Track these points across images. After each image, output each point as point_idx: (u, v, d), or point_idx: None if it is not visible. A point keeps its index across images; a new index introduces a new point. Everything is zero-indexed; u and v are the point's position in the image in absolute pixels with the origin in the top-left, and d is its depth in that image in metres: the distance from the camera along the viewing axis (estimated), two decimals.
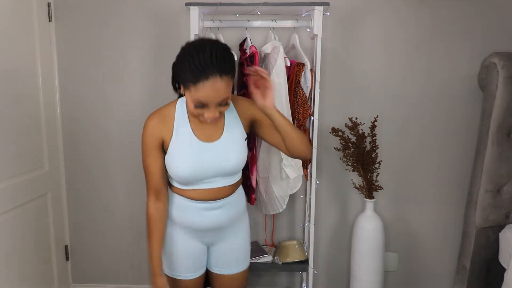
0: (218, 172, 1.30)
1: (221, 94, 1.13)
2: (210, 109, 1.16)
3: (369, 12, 2.11)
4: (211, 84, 1.10)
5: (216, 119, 1.20)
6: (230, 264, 1.47)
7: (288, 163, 1.79)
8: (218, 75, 1.10)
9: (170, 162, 1.28)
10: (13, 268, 1.84)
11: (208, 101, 1.14)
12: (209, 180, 1.31)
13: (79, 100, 2.24)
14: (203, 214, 1.35)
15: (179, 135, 1.27)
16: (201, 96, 1.13)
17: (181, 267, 1.42)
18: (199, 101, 1.14)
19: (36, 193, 2.02)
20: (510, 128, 2.00)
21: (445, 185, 2.23)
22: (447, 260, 2.29)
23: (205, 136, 1.29)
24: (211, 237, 1.42)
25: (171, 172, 1.30)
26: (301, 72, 1.85)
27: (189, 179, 1.29)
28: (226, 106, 1.20)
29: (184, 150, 1.27)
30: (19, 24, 1.89)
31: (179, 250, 1.41)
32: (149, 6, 2.14)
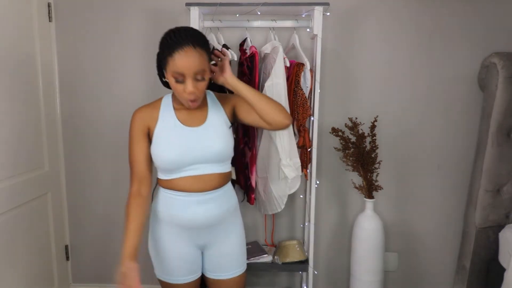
0: (203, 156, 1.31)
1: (196, 64, 1.22)
2: (188, 81, 1.23)
3: (369, 12, 2.11)
4: (185, 53, 1.20)
5: (197, 98, 1.27)
6: (226, 268, 1.44)
7: (287, 163, 1.79)
8: (192, 45, 1.21)
9: (155, 148, 1.32)
10: (13, 268, 1.84)
11: (184, 70, 1.21)
12: (195, 167, 1.31)
13: (79, 100, 2.24)
14: (192, 209, 1.33)
15: (164, 122, 1.33)
16: (178, 66, 1.21)
17: (173, 270, 1.39)
18: (177, 72, 1.22)
19: (36, 193, 2.02)
20: (510, 128, 2.00)
21: (445, 185, 2.23)
22: (447, 260, 2.29)
23: (189, 122, 1.34)
24: (203, 237, 1.39)
25: (157, 157, 1.32)
26: (301, 72, 1.85)
27: (174, 163, 1.30)
28: (204, 82, 1.27)
29: (168, 134, 1.32)
30: (19, 24, 1.89)
31: (170, 252, 1.38)
32: (149, 6, 2.14)
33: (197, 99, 1.28)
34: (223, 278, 1.44)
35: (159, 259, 1.41)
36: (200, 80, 1.26)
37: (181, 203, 1.34)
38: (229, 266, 1.44)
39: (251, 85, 1.83)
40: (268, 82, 1.74)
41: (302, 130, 1.91)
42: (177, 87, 1.26)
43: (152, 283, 2.33)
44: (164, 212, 1.37)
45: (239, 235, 1.48)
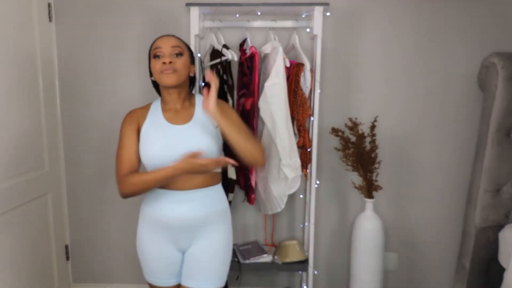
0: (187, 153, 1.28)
1: (172, 40, 1.36)
2: (165, 55, 1.33)
3: (369, 12, 2.11)
4: (164, 36, 1.39)
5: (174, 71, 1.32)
6: (200, 277, 1.36)
7: (287, 163, 1.79)
8: (172, 35, 1.40)
9: (141, 144, 1.36)
10: (13, 268, 1.84)
11: (162, 44, 1.34)
12: None
13: (79, 100, 2.24)
14: (174, 206, 1.33)
15: (151, 120, 1.39)
16: (157, 43, 1.36)
17: (155, 271, 1.41)
18: (156, 47, 1.35)
19: (36, 193, 2.02)
20: (510, 128, 2.00)
21: (445, 185, 2.23)
22: (447, 260, 2.29)
23: (175, 120, 1.38)
24: (185, 239, 1.37)
25: (142, 153, 1.34)
26: (301, 73, 1.85)
27: (157, 158, 1.31)
28: (182, 58, 1.35)
29: (154, 131, 1.36)
30: (19, 24, 1.89)
31: (152, 253, 1.39)
32: (149, 6, 2.14)
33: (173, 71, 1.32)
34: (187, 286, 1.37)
35: (143, 260, 1.44)
36: (178, 56, 1.34)
37: (164, 201, 1.35)
38: (203, 276, 1.36)
39: (251, 85, 1.85)
40: (268, 82, 1.74)
41: (302, 130, 1.91)
42: (155, 62, 1.34)
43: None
44: (148, 210, 1.39)
45: (224, 246, 1.40)
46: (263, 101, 1.77)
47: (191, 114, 1.40)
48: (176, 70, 1.33)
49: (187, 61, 1.38)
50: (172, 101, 1.41)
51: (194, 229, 1.36)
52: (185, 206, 1.34)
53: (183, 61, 1.36)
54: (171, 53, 1.34)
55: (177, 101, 1.41)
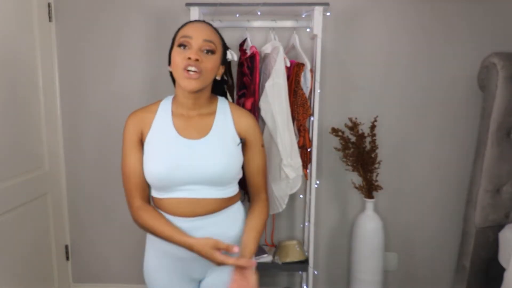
0: (198, 177, 1.09)
1: (207, 33, 1.09)
2: (193, 47, 1.06)
3: (369, 12, 2.11)
4: (198, 23, 1.12)
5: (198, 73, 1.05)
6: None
7: (288, 163, 1.79)
8: (206, 23, 1.13)
9: (145, 159, 1.12)
10: (13, 268, 1.84)
11: (192, 33, 1.07)
12: (187, 187, 1.10)
13: (79, 100, 2.24)
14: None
15: (158, 128, 1.13)
16: (187, 30, 1.09)
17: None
18: (185, 34, 1.08)
19: (36, 193, 2.02)
20: (510, 128, 2.00)
21: (445, 185, 2.23)
22: (447, 260, 2.29)
23: (187, 132, 1.12)
24: (198, 268, 1.18)
25: (146, 171, 1.12)
26: (301, 72, 1.85)
27: (161, 180, 1.09)
28: (212, 58, 1.09)
29: (159, 144, 1.11)
30: (19, 24, 1.89)
31: (161, 281, 1.19)
32: (149, 6, 2.14)
33: (198, 74, 1.06)
34: None
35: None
36: (208, 54, 1.08)
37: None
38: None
39: (251, 85, 1.85)
40: (269, 82, 1.74)
41: (302, 130, 1.91)
42: (178, 54, 1.07)
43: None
44: (155, 238, 1.16)
45: None
46: (264, 101, 1.77)
47: (209, 125, 1.14)
48: (201, 73, 1.06)
49: (217, 61, 1.11)
50: (187, 106, 1.15)
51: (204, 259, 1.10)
52: (199, 234, 1.10)
53: (213, 62, 1.09)
54: (201, 47, 1.07)
55: (192, 106, 1.15)
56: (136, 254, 2.35)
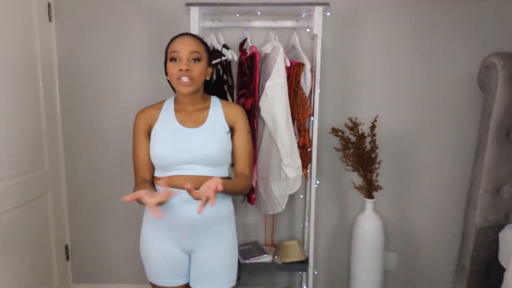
0: (197, 157, 1.32)
1: (191, 44, 1.32)
2: (183, 60, 1.30)
3: (369, 12, 2.11)
4: (183, 37, 1.35)
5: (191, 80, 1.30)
6: (211, 279, 1.38)
7: (288, 163, 1.79)
8: (190, 35, 1.37)
9: (151, 145, 1.37)
10: (13, 268, 1.84)
11: (179, 47, 1.31)
12: (188, 166, 1.33)
13: (79, 100, 2.24)
14: (180, 206, 1.31)
15: (163, 121, 1.39)
16: (175, 45, 1.32)
17: (159, 271, 1.39)
18: (173, 50, 1.32)
19: (36, 193, 2.02)
20: (510, 128, 2.00)
21: (445, 185, 2.23)
22: (447, 260, 2.29)
23: (187, 123, 1.38)
24: (190, 240, 1.36)
25: (152, 153, 1.36)
26: (301, 72, 1.85)
27: (166, 160, 1.33)
28: (199, 64, 1.32)
29: (165, 132, 1.37)
30: (19, 24, 1.89)
31: (157, 253, 1.38)
32: (149, 6, 2.14)
33: (190, 81, 1.30)
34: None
35: (147, 260, 1.41)
36: (195, 62, 1.32)
37: (171, 200, 1.30)
38: (214, 278, 1.38)
39: (251, 85, 1.85)
40: (269, 82, 1.74)
41: (302, 130, 1.91)
42: (172, 67, 1.31)
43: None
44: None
45: (230, 247, 1.41)
46: (264, 101, 1.77)
47: (204, 118, 1.39)
48: (192, 79, 1.31)
49: (204, 66, 1.35)
50: (186, 103, 1.40)
51: (200, 229, 1.36)
52: (190, 206, 1.29)
53: (200, 68, 1.33)
54: (188, 58, 1.30)
55: (190, 103, 1.40)
56: (136, 254, 2.34)
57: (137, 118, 1.42)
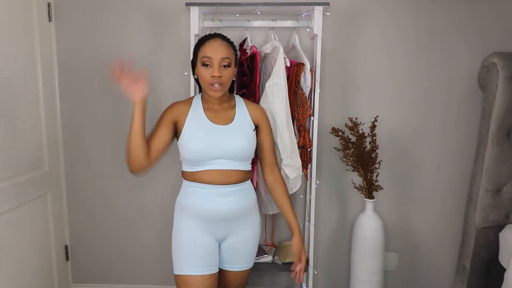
0: (227, 152, 1.40)
1: (223, 51, 1.38)
2: (215, 66, 1.36)
3: (369, 12, 2.11)
4: (214, 41, 1.40)
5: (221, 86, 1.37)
6: (236, 261, 1.53)
7: (288, 163, 1.79)
8: (220, 38, 1.43)
9: (184, 140, 1.41)
10: (13, 268, 1.84)
11: (212, 54, 1.37)
12: (218, 161, 1.40)
13: (79, 100, 2.24)
14: (214, 200, 1.41)
15: (194, 117, 1.44)
16: (207, 50, 1.38)
17: (191, 259, 1.42)
18: (205, 55, 1.37)
19: (36, 193, 2.02)
20: (510, 128, 2.00)
21: (445, 185, 2.23)
22: (447, 260, 2.29)
23: (216, 120, 1.45)
24: (223, 229, 1.46)
25: (184, 148, 1.40)
26: (301, 72, 1.85)
27: (200, 155, 1.39)
28: (229, 70, 1.40)
29: (197, 128, 1.42)
30: (19, 24, 1.89)
31: (190, 242, 1.44)
32: (149, 6, 2.14)
33: (221, 86, 1.38)
34: (229, 270, 1.53)
35: (179, 250, 1.46)
36: (225, 67, 1.38)
37: (204, 195, 1.41)
38: (239, 260, 1.53)
39: (252, 85, 1.85)
40: (269, 82, 1.74)
41: (302, 130, 1.91)
42: (204, 71, 1.38)
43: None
44: (187, 203, 1.45)
45: (256, 232, 1.55)
46: (264, 101, 1.76)
47: (232, 116, 1.47)
48: (223, 84, 1.38)
49: (233, 70, 1.43)
50: (214, 102, 1.47)
51: (231, 221, 1.45)
52: (224, 200, 1.42)
53: (231, 72, 1.41)
54: (220, 64, 1.37)
55: (218, 102, 1.47)
56: (136, 254, 2.35)
57: (168, 108, 1.47)
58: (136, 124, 1.32)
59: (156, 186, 2.28)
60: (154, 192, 2.29)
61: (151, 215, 2.32)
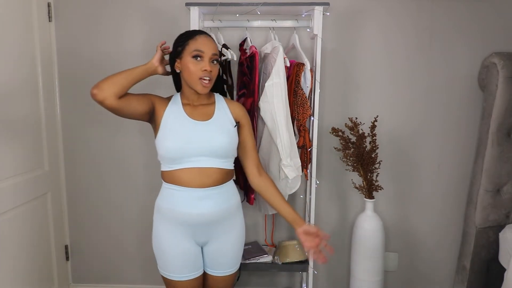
0: (206, 149, 1.36)
1: (213, 47, 1.37)
2: (205, 60, 1.34)
3: (369, 12, 2.11)
4: (205, 37, 1.38)
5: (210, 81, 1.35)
6: (220, 266, 1.49)
7: (287, 163, 1.79)
8: (208, 35, 1.41)
9: (161, 136, 1.38)
10: (13, 268, 1.84)
11: (204, 48, 1.34)
12: (197, 159, 1.36)
13: (79, 100, 2.24)
14: (193, 204, 1.36)
15: (171, 112, 1.41)
16: (199, 44, 1.34)
17: (175, 267, 1.42)
18: (198, 48, 1.34)
19: (36, 193, 2.02)
20: (510, 128, 2.00)
21: (445, 185, 2.23)
22: (447, 260, 2.29)
23: (195, 116, 1.41)
24: (204, 234, 1.42)
25: (161, 145, 1.37)
26: (301, 72, 1.84)
27: (177, 152, 1.34)
28: (216, 67, 1.38)
29: (174, 124, 1.38)
30: (19, 24, 1.89)
31: (172, 249, 1.40)
32: (149, 6, 2.14)
33: (209, 81, 1.35)
34: (213, 274, 1.50)
35: (161, 256, 1.44)
36: (214, 64, 1.37)
37: (182, 199, 1.37)
38: (223, 264, 1.48)
39: (251, 85, 1.85)
40: (269, 82, 1.74)
41: (302, 130, 1.91)
42: (194, 65, 1.33)
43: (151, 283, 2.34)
44: (166, 207, 1.41)
45: (239, 236, 1.51)
46: (264, 101, 1.76)
47: (211, 112, 1.44)
48: (211, 79, 1.37)
49: (218, 67, 1.42)
50: (193, 98, 1.44)
51: (211, 224, 1.41)
52: (203, 203, 1.37)
53: (217, 68, 1.40)
54: (211, 59, 1.36)
55: (198, 98, 1.44)
56: (136, 254, 2.35)
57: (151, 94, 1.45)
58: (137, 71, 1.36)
59: (156, 186, 2.27)
60: (154, 192, 2.28)
61: (151, 215, 2.31)
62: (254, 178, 1.51)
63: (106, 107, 1.28)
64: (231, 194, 1.46)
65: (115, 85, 1.28)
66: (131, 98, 1.34)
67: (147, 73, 1.40)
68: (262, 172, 1.52)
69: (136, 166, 2.26)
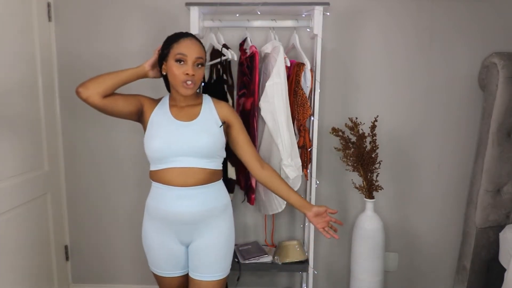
0: (189, 149, 1.37)
1: (197, 50, 1.37)
2: (189, 64, 1.35)
3: (369, 12, 2.11)
4: (190, 40, 1.39)
5: (193, 84, 1.36)
6: (205, 269, 1.43)
7: (288, 163, 1.79)
8: (194, 38, 1.42)
9: (147, 137, 1.42)
10: (13, 268, 1.83)
11: (187, 51, 1.35)
12: (180, 159, 1.37)
13: (79, 101, 2.21)
14: (174, 203, 1.38)
15: (158, 114, 1.44)
16: (182, 47, 1.36)
17: (160, 264, 1.47)
18: (181, 52, 1.35)
19: (36, 193, 2.02)
20: (510, 128, 2.00)
21: (445, 185, 2.23)
22: (447, 260, 2.29)
23: (180, 117, 1.43)
24: (188, 234, 1.43)
25: (146, 145, 1.40)
26: (301, 72, 1.84)
27: (160, 151, 1.37)
28: (201, 70, 1.39)
29: (159, 124, 1.42)
30: (19, 24, 1.88)
31: (157, 246, 1.45)
32: (149, 6, 2.14)
33: (193, 84, 1.37)
34: (199, 279, 1.44)
35: (148, 252, 1.50)
36: (198, 67, 1.38)
37: (164, 197, 1.40)
38: (207, 267, 1.44)
39: (251, 85, 1.85)
40: (269, 82, 1.74)
41: (302, 130, 1.91)
42: (177, 69, 1.35)
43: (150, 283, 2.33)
44: (152, 205, 1.45)
45: (226, 239, 1.47)
46: (265, 101, 1.76)
47: (197, 112, 1.45)
48: (195, 82, 1.38)
49: (204, 70, 1.43)
50: (180, 99, 1.46)
51: (195, 224, 1.41)
52: (186, 202, 1.38)
53: (202, 72, 1.41)
54: (194, 63, 1.36)
55: (184, 99, 1.46)
56: (136, 254, 2.35)
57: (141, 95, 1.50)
58: (127, 73, 1.40)
59: None
60: None
61: None
62: (257, 171, 1.50)
63: (90, 105, 1.37)
64: (217, 195, 1.46)
65: (100, 85, 1.35)
66: (118, 98, 1.39)
67: (137, 76, 1.44)
68: (264, 164, 1.52)
69: (136, 166, 2.25)
